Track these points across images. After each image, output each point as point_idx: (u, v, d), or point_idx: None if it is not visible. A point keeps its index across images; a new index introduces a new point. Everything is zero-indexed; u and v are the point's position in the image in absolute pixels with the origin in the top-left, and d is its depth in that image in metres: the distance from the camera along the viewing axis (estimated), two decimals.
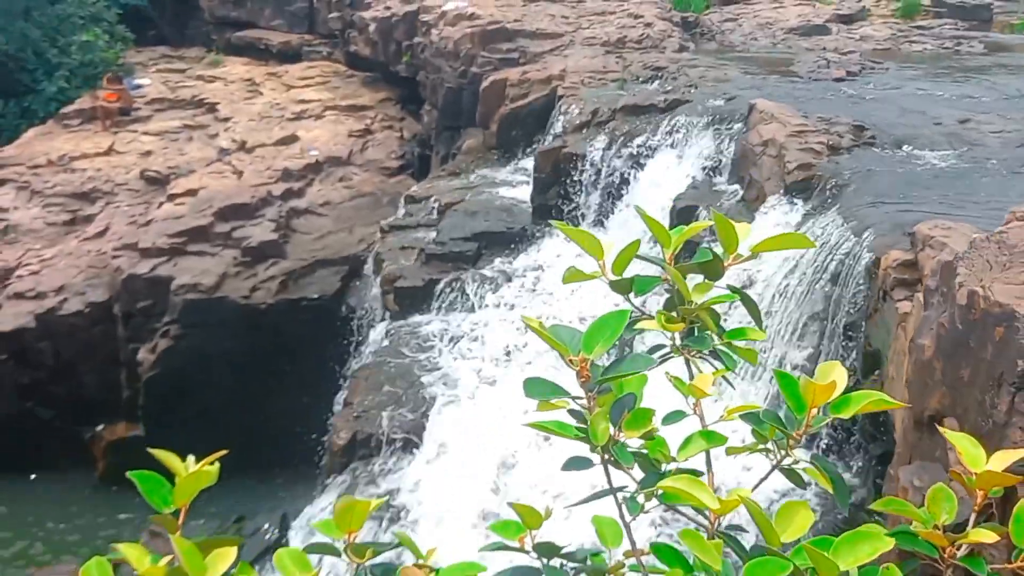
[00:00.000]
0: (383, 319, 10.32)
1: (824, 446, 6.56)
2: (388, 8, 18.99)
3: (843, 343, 6.45)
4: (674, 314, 2.16)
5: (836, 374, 2.02)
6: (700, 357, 2.19)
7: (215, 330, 13.04)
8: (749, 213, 8.57)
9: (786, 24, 17.07)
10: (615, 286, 2.20)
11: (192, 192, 15.44)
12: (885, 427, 5.73)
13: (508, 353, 8.48)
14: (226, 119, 19.12)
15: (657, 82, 12.83)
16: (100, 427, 13.43)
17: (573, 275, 2.23)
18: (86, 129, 19.55)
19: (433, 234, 11.21)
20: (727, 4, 19.61)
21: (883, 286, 5.94)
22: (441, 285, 9.72)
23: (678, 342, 2.19)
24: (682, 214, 9.09)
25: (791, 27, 16.85)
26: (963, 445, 2.06)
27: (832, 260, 6.63)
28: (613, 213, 10.38)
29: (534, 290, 9.61)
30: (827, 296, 6.60)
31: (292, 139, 17.73)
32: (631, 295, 2.20)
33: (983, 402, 3.19)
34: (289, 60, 22.87)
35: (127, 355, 13.36)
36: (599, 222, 10.54)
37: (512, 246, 10.50)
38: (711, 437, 2.04)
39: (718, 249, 2.16)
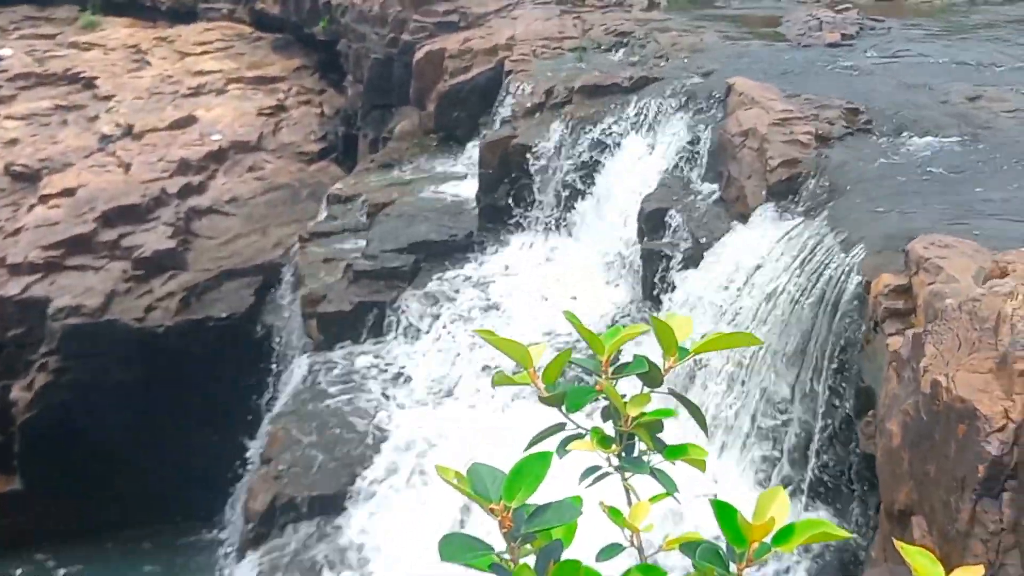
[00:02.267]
0: (304, 349, 10.54)
1: (814, 494, 6.96)
2: None
3: (833, 377, 6.83)
4: (612, 425, 2.48)
5: (776, 506, 2.34)
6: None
7: (103, 360, 13.17)
8: (728, 218, 8.93)
9: None
10: (546, 400, 2.51)
11: (69, 192, 15.46)
12: None
13: (450, 392, 8.78)
14: (107, 97, 19.11)
15: (622, 51, 13.16)
16: None
17: (501, 380, 2.53)
18: None
19: (362, 243, 11.44)
20: None
21: (874, 315, 6.33)
22: (372, 310, 9.96)
23: (614, 461, 2.50)
24: (651, 218, 9.44)
25: None
26: (919, 563, 2.39)
27: (818, 282, 7.00)
28: (573, 215, 10.70)
29: (484, 309, 9.89)
30: (814, 323, 6.97)
31: (189, 121, 17.79)
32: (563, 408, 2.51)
33: (948, 503, 3.53)
34: (182, 20, 22.87)
35: None
36: (558, 226, 10.85)
37: (456, 257, 10.78)
38: (650, 572, 2.35)
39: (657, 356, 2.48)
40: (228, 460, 12.10)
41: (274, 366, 11.93)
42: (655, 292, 9.18)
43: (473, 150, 12.78)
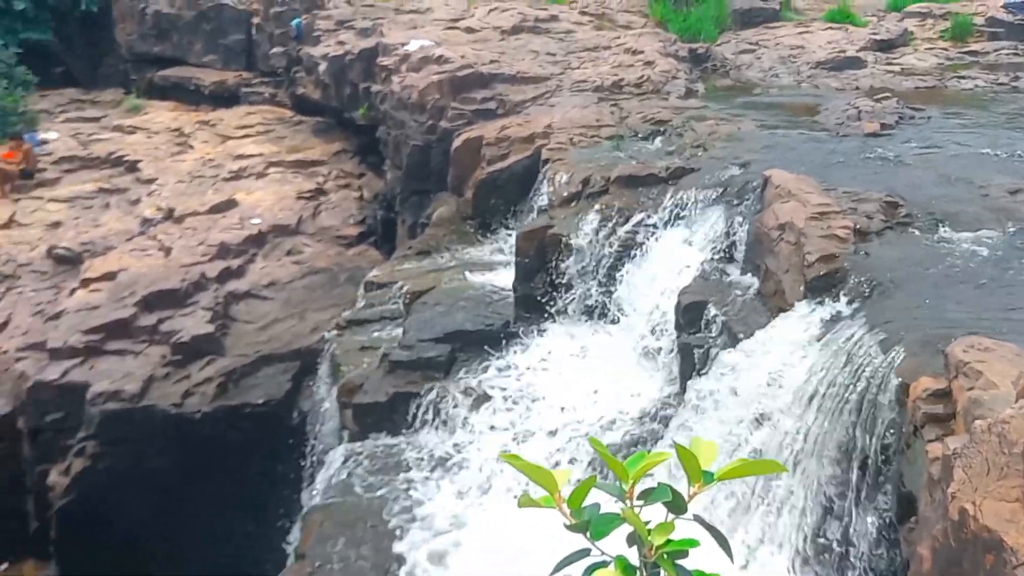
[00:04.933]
0: (340, 438, 10.68)
1: None
2: (342, 44, 19.66)
3: (874, 481, 6.85)
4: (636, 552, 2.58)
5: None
6: None
7: (140, 446, 13.36)
8: (766, 312, 9.02)
9: (813, 56, 17.77)
10: (571, 528, 2.62)
11: (110, 275, 15.85)
12: None
13: (487, 490, 8.86)
14: (150, 180, 19.67)
15: (659, 139, 13.40)
16: (3, 567, 13.66)
17: (527, 502, 2.65)
18: None
19: (399, 331, 11.62)
20: (745, 28, 20.37)
21: (913, 419, 6.36)
22: (408, 402, 10.10)
23: None
24: (688, 311, 9.54)
25: (819, 60, 17.55)
26: None
27: (857, 383, 7.05)
28: (609, 306, 10.83)
29: (518, 401, 10.00)
30: (854, 425, 7.01)
31: (229, 204, 18.24)
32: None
33: None
34: (224, 103, 23.55)
35: (35, 479, 13.65)
36: (594, 316, 10.98)
37: (492, 347, 10.92)
38: None
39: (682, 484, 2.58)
40: (263, 551, 12.21)
41: (309, 455, 12.06)
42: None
43: (510, 238, 13.01)
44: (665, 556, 2.51)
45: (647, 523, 2.56)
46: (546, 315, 11.31)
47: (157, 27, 24.88)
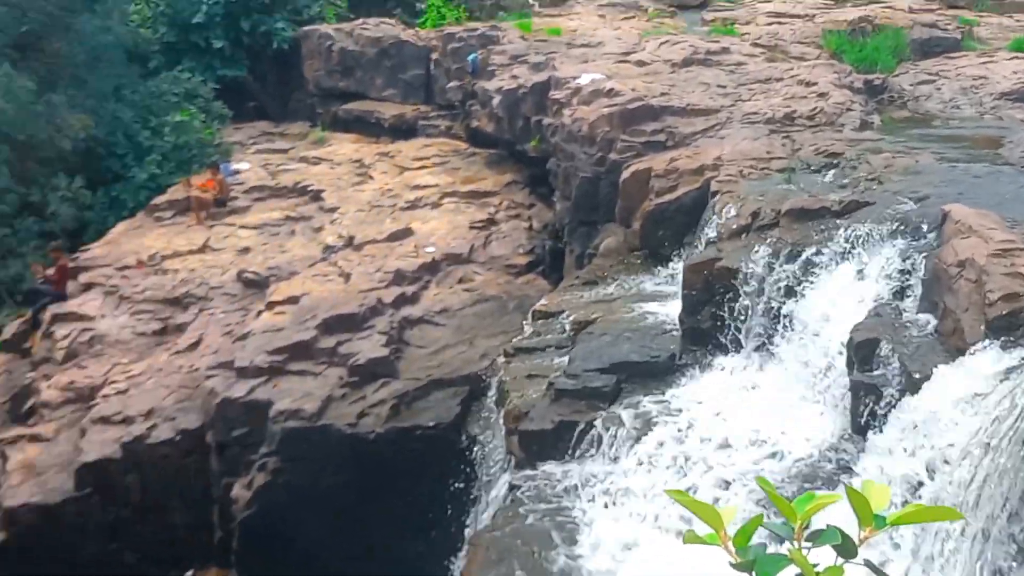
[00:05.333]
0: (507, 464, 10.80)
1: None
2: (515, 78, 20.00)
3: None
4: None
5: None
6: None
7: (318, 464, 13.82)
8: (943, 352, 8.67)
9: (997, 87, 17.02)
10: (737, 567, 2.59)
11: (294, 299, 16.51)
12: None
13: (650, 522, 8.79)
14: (332, 209, 20.42)
15: (832, 172, 13.08)
16: (190, 573, 14.36)
17: (692, 539, 2.63)
18: (178, 222, 21.24)
19: (565, 360, 11.68)
20: (924, 58, 19.68)
21: None
22: (575, 429, 10.14)
23: None
24: (861, 349, 9.25)
25: (1003, 91, 16.79)
26: None
27: None
28: (778, 341, 10.61)
29: (680, 435, 9.89)
30: None
31: (406, 233, 18.75)
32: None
33: None
34: (402, 135, 24.24)
35: (220, 491, 14.30)
36: (762, 351, 10.77)
37: (657, 379, 10.85)
38: None
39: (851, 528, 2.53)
40: (430, 572, 12.43)
41: (477, 479, 12.23)
42: (864, 426, 8.95)
43: (677, 270, 12.92)
44: None
45: (815, 566, 2.51)
46: (713, 348, 11.17)
47: (342, 64, 25.88)
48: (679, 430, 9.89)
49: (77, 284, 19.13)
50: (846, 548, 2.46)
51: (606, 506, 9.37)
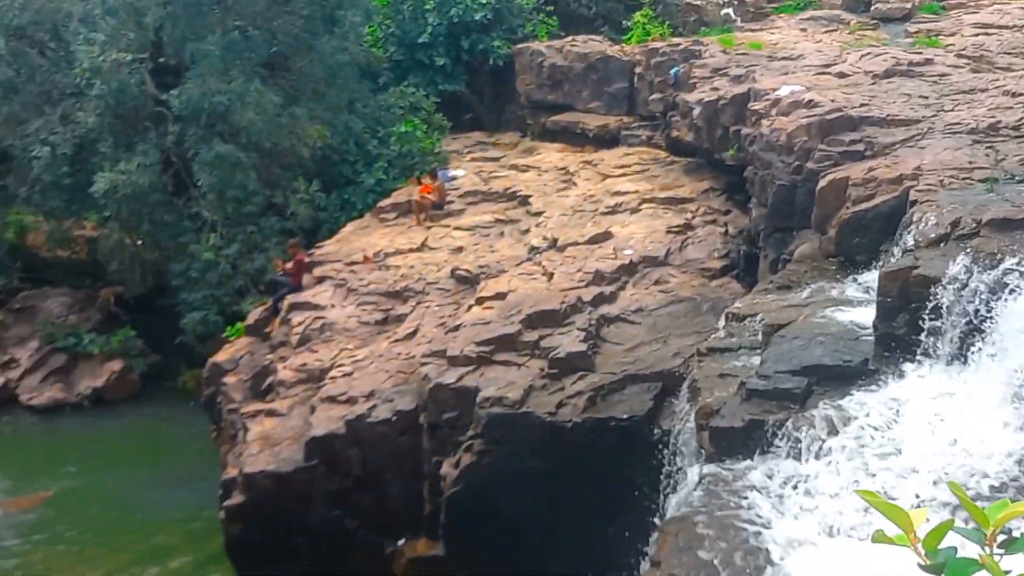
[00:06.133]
0: (697, 458, 10.63)
1: None
2: (715, 90, 19.67)
3: None
4: None
5: None
6: None
7: (519, 447, 14.02)
8: None
9: None
10: (926, 569, 2.46)
11: (501, 295, 16.84)
12: None
13: (837, 521, 8.45)
14: (538, 213, 20.68)
15: None
16: (402, 542, 14.87)
17: (880, 538, 2.52)
18: (401, 224, 22.03)
19: (756, 361, 11.39)
20: None
21: None
22: (765, 428, 9.87)
23: None
24: None
25: None
26: None
27: None
28: (974, 352, 9.97)
29: (871, 440, 9.46)
30: None
31: (605, 236, 18.77)
32: None
33: None
34: (605, 145, 24.30)
35: (431, 468, 14.73)
36: (957, 362, 10.16)
37: (849, 383, 10.41)
38: None
39: None
40: (620, 554, 12.40)
41: (667, 471, 12.10)
42: None
43: (872, 277, 12.35)
44: None
45: (1007, 573, 2.37)
46: (906, 355, 10.61)
47: (551, 78, 26.16)
48: (869, 434, 9.46)
49: (311, 277, 20.17)
50: None
51: (792, 503, 9.07)
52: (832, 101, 16.12)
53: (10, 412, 22.20)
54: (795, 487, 9.25)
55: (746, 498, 9.20)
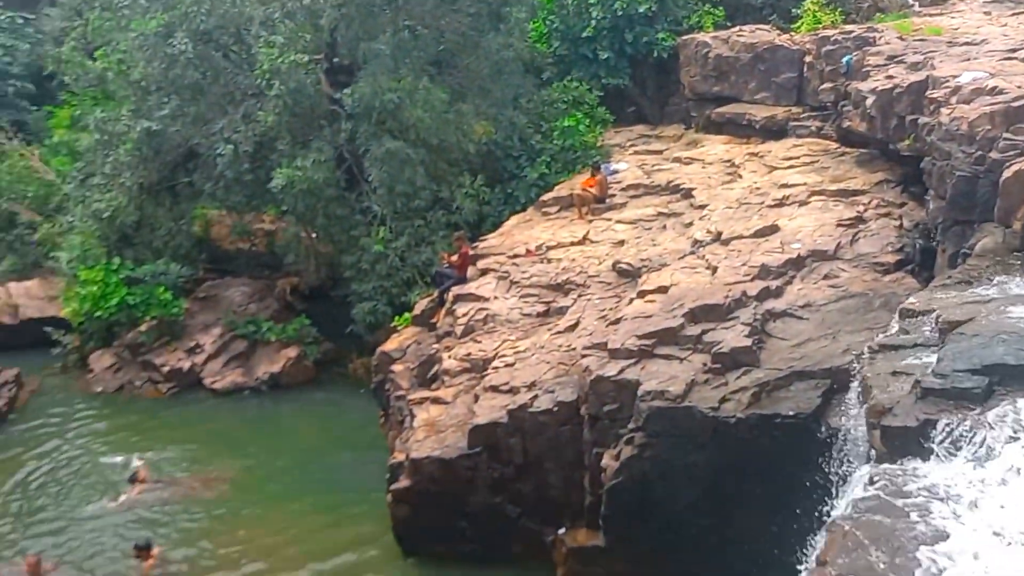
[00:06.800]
0: (868, 458, 10.26)
1: None
2: (890, 79, 18.92)
3: None
4: None
5: None
6: None
7: (680, 441, 13.87)
8: None
9: None
10: None
11: (663, 289, 16.70)
12: None
13: (1015, 531, 7.98)
14: (702, 206, 20.40)
15: None
16: (562, 531, 14.97)
17: None
18: (563, 217, 22.17)
19: (932, 359, 10.89)
20: None
21: None
22: (940, 428, 9.43)
23: None
24: None
25: None
26: None
27: None
28: None
29: None
30: None
31: (772, 230, 18.34)
32: None
33: None
34: (772, 136, 23.74)
35: (591, 459, 14.75)
36: None
37: None
38: None
39: None
40: (783, 551, 12.13)
41: (836, 470, 11.73)
42: None
43: None
44: None
45: None
46: None
47: (717, 69, 25.73)
48: None
49: (475, 269, 20.55)
50: None
51: (967, 509, 8.63)
52: (1019, 88, 15.20)
53: (195, 394, 23.56)
54: (971, 492, 8.80)
55: (918, 501, 8.82)
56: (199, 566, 15.96)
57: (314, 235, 24.81)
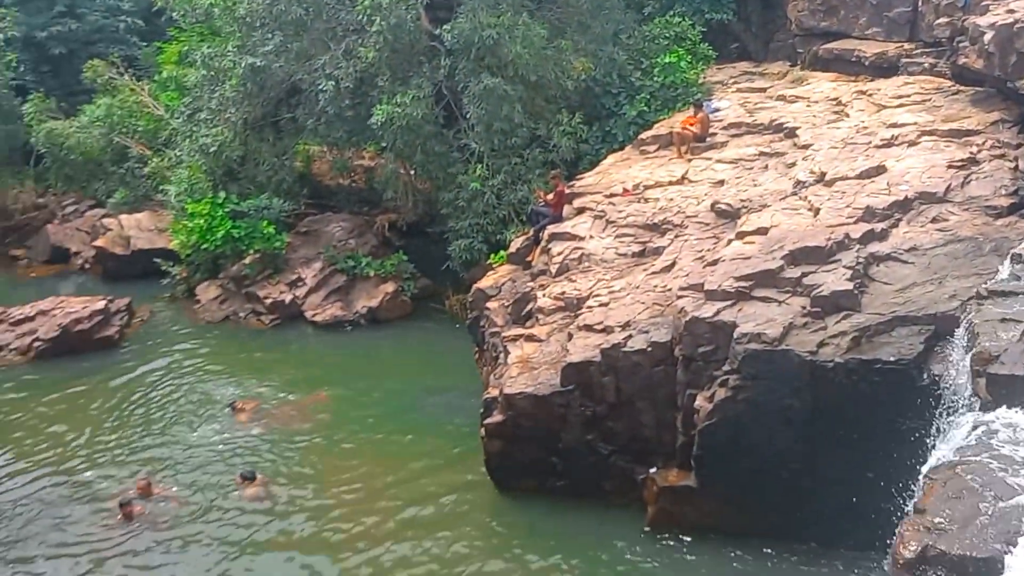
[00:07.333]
0: (971, 407, 9.98)
1: None
2: (1011, 12, 18.05)
3: None
4: None
5: None
6: None
7: (775, 385, 13.68)
8: None
9: None
10: None
11: (762, 230, 16.36)
12: None
13: None
14: (805, 146, 19.85)
15: None
16: (653, 470, 14.98)
17: None
18: (661, 156, 21.84)
19: None
20: None
21: None
22: None
23: None
24: None
25: None
26: None
27: None
28: None
29: None
30: None
31: (879, 171, 17.76)
32: None
33: None
34: (882, 74, 22.91)
35: (684, 400, 14.67)
36: None
37: None
38: None
39: None
40: (879, 498, 11.95)
41: (937, 417, 11.45)
42: None
43: None
44: None
45: None
46: None
47: (825, 3, 24.84)
48: None
49: (571, 208, 20.45)
50: None
51: None
52: None
53: (296, 326, 24.18)
54: None
55: (1022, 450, 8.57)
56: (297, 495, 16.47)
57: (412, 172, 24.99)
